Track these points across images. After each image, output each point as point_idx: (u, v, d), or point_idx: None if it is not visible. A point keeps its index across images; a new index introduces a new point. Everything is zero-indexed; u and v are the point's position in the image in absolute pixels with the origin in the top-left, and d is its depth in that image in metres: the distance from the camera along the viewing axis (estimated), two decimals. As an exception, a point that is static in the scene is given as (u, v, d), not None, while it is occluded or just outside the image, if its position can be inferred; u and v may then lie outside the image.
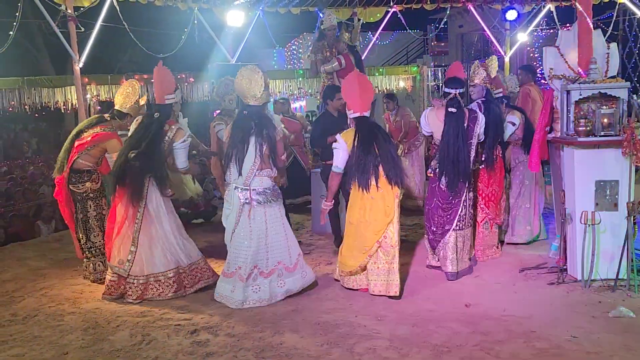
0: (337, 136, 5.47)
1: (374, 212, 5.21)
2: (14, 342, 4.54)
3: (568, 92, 5.36)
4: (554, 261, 5.78)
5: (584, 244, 5.20)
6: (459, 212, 5.62)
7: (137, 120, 5.62)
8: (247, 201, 5.13)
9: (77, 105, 9.91)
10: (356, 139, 5.28)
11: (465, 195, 5.63)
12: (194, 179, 8.64)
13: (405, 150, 8.85)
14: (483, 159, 5.97)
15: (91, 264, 5.91)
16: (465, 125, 5.55)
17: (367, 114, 5.40)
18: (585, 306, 4.80)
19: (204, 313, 4.98)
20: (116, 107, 5.94)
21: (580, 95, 5.30)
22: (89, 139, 5.80)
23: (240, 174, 5.11)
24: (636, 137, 4.98)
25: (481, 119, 5.66)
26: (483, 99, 6.12)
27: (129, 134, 5.63)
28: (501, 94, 6.57)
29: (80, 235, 5.89)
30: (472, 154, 5.65)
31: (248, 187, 5.12)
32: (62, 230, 8.76)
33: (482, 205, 6.14)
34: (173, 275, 5.37)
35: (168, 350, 4.30)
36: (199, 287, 5.53)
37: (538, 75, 17.28)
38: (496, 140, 6.09)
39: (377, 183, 5.19)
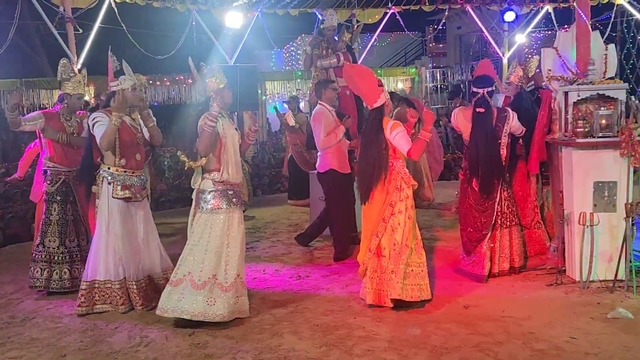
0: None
1: (376, 207, 4.93)
2: (11, 344, 4.53)
3: (566, 93, 5.37)
4: (552, 262, 5.78)
5: (583, 245, 5.20)
6: (494, 213, 5.49)
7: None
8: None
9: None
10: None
11: (500, 195, 5.51)
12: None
13: None
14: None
15: (65, 270, 5.59)
16: (493, 125, 5.45)
17: (377, 104, 4.92)
18: (583, 307, 4.80)
19: (203, 315, 4.97)
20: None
21: (579, 96, 5.31)
22: None
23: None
24: (634, 138, 4.99)
25: (512, 116, 5.51)
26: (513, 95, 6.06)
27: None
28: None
29: (54, 239, 5.61)
30: (504, 152, 5.52)
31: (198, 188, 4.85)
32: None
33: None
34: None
35: (166, 352, 4.29)
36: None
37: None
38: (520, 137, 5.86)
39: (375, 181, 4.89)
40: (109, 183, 5.01)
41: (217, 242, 4.66)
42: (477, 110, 5.43)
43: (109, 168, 5.04)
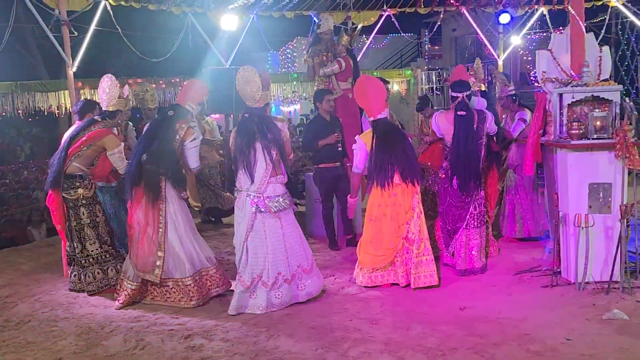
0: (357, 137, 5.68)
1: (396, 208, 5.46)
2: (7, 348, 4.52)
3: (561, 95, 5.38)
4: (548, 264, 5.79)
5: (578, 246, 5.21)
6: (470, 211, 5.82)
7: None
8: (261, 209, 5.03)
9: (70, 110, 9.88)
10: (373, 139, 5.49)
11: (476, 194, 5.82)
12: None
13: None
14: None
15: (89, 273, 5.63)
16: (474, 126, 5.72)
17: (382, 115, 5.54)
18: (579, 309, 4.81)
19: (198, 317, 4.97)
20: (104, 109, 5.86)
21: (573, 98, 5.32)
22: (83, 138, 5.64)
23: (252, 181, 5.02)
24: (629, 140, 5.00)
25: (490, 117, 5.86)
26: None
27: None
28: (513, 91, 6.81)
29: (75, 244, 5.66)
30: (483, 152, 5.86)
31: (261, 195, 5.03)
32: (55, 234, 8.73)
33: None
34: (190, 282, 5.24)
35: (162, 355, 4.29)
36: (213, 295, 5.41)
37: (531, 78, 17.35)
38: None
39: (392, 181, 5.42)
40: (174, 188, 5.32)
41: (277, 241, 5.07)
42: (459, 113, 5.69)
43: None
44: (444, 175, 5.92)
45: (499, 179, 6.59)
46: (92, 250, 5.66)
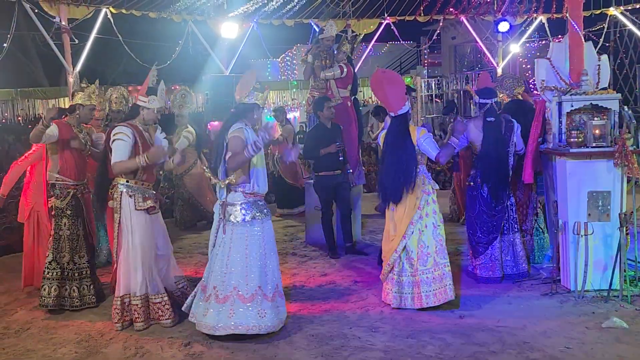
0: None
1: (396, 217, 5.18)
2: (6, 355, 4.51)
3: (560, 103, 5.40)
4: (547, 272, 5.80)
5: (577, 254, 5.22)
6: (504, 219, 5.77)
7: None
8: (220, 217, 4.70)
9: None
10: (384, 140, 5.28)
11: (507, 202, 5.77)
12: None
13: None
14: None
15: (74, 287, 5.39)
16: (503, 133, 5.71)
17: (403, 110, 5.09)
18: (578, 317, 4.81)
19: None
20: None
21: (572, 106, 5.34)
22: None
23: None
24: (627, 148, 5.02)
25: (516, 127, 5.77)
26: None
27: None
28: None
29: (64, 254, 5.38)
30: (511, 161, 5.78)
31: (225, 201, 4.68)
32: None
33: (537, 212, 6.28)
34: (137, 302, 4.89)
35: (161, 362, 4.29)
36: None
37: (530, 86, 17.42)
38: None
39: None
40: (130, 196, 4.85)
41: (257, 254, 4.57)
42: (488, 119, 5.65)
43: (127, 181, 4.87)
44: (472, 184, 5.85)
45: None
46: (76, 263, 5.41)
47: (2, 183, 6.22)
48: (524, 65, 20.30)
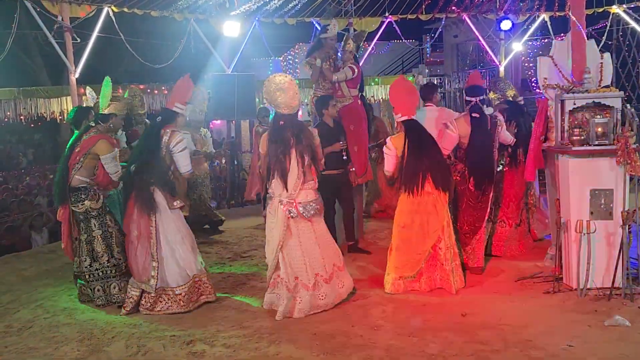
0: (387, 140, 5.71)
1: (425, 216, 5.43)
2: (8, 354, 4.52)
3: (562, 101, 5.39)
4: (549, 270, 5.79)
5: (580, 252, 5.21)
6: (488, 210, 6.07)
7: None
8: (293, 214, 5.05)
9: (73, 116, 9.87)
10: (406, 143, 5.47)
11: (492, 194, 6.07)
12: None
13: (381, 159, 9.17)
14: (508, 161, 6.43)
15: (99, 287, 5.48)
16: (489, 129, 5.98)
17: (415, 117, 5.59)
18: (581, 315, 4.80)
19: (200, 324, 4.96)
20: (99, 112, 5.72)
21: (575, 104, 5.33)
22: (78, 149, 5.50)
23: (285, 188, 5.06)
24: (630, 146, 5.00)
25: (502, 122, 6.07)
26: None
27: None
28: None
29: (84, 257, 5.48)
30: (496, 154, 6.10)
31: (293, 201, 5.05)
32: (57, 240, 8.74)
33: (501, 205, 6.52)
34: (180, 292, 5.22)
35: (164, 361, 4.29)
36: (201, 303, 5.38)
37: (533, 84, 17.36)
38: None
39: (423, 188, 5.40)
40: (165, 196, 5.24)
41: (311, 244, 5.11)
42: (473, 115, 5.92)
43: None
44: (459, 178, 6.05)
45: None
46: (102, 264, 5.49)
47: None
48: (526, 64, 20.28)
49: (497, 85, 7.14)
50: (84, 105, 6.68)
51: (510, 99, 6.95)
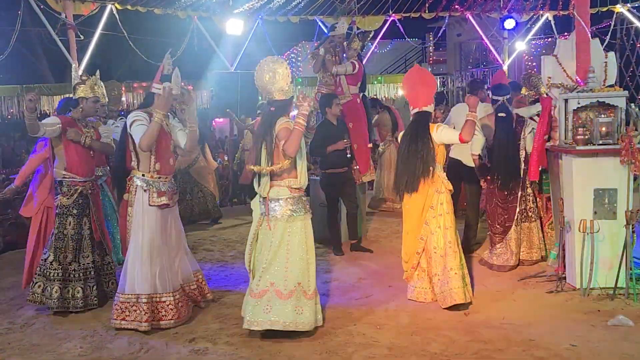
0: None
1: (416, 204, 5.13)
2: (11, 350, 4.52)
3: (566, 100, 5.38)
4: (552, 269, 5.78)
5: (583, 252, 5.20)
6: (517, 210, 6.02)
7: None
8: (265, 213, 4.57)
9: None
10: (404, 135, 5.26)
11: (522, 192, 6.03)
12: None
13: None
14: None
15: (49, 288, 5.20)
16: (514, 127, 6.03)
17: (428, 108, 5.15)
18: (584, 314, 4.80)
19: (203, 321, 4.96)
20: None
21: (579, 104, 5.32)
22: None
23: (258, 183, 4.61)
24: (634, 146, 5.00)
25: (529, 122, 6.07)
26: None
27: None
28: None
29: (49, 254, 5.26)
30: (523, 153, 6.04)
31: (266, 197, 4.55)
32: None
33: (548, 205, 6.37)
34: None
35: (167, 358, 4.29)
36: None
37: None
38: None
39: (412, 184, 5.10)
40: (145, 190, 4.76)
41: (298, 249, 4.50)
42: (500, 115, 5.94)
43: (143, 175, 4.79)
44: (488, 178, 6.13)
45: None
46: (64, 264, 5.23)
47: (18, 174, 5.99)
48: (529, 63, 20.23)
49: (530, 80, 6.48)
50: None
51: (545, 95, 6.31)
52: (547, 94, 6.09)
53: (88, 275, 5.33)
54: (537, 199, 6.22)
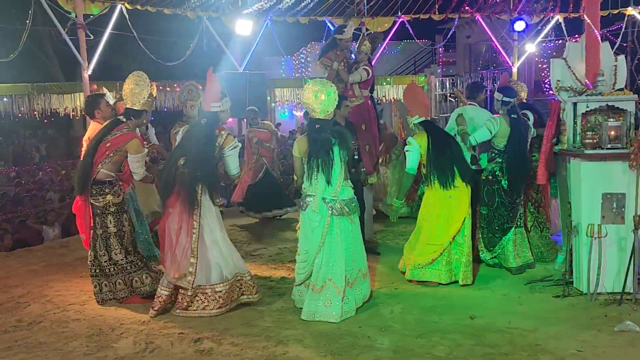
0: (410, 139, 5.87)
1: (451, 209, 5.68)
2: (18, 348, 4.56)
3: (575, 104, 5.35)
4: (559, 274, 5.75)
5: (590, 256, 5.17)
6: (519, 211, 6.14)
7: (183, 129, 5.65)
8: (335, 212, 5.03)
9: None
10: (430, 141, 5.72)
11: (524, 196, 6.21)
12: None
13: (387, 161, 9.17)
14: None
15: (113, 282, 5.46)
16: (526, 130, 6.17)
17: (430, 118, 5.87)
18: (590, 320, 4.77)
19: (207, 322, 4.98)
20: (128, 107, 5.57)
21: (588, 107, 5.29)
22: (107, 144, 5.41)
23: (330, 184, 5.04)
24: (643, 150, 4.96)
25: (531, 124, 6.28)
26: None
27: (177, 141, 5.63)
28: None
29: (102, 252, 5.42)
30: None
31: (337, 198, 5.04)
32: (68, 235, 8.80)
33: (531, 210, 6.51)
34: (221, 289, 5.14)
35: (172, 358, 4.30)
36: (240, 302, 5.29)
37: (546, 86, 17.23)
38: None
39: (454, 181, 5.63)
40: (210, 193, 5.23)
41: (346, 245, 5.06)
42: (513, 116, 6.05)
43: None
44: (491, 177, 6.13)
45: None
46: (118, 260, 5.44)
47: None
48: (539, 65, 20.16)
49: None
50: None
51: (524, 101, 6.95)
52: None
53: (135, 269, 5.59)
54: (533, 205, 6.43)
